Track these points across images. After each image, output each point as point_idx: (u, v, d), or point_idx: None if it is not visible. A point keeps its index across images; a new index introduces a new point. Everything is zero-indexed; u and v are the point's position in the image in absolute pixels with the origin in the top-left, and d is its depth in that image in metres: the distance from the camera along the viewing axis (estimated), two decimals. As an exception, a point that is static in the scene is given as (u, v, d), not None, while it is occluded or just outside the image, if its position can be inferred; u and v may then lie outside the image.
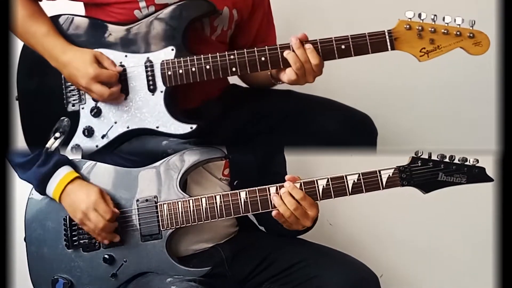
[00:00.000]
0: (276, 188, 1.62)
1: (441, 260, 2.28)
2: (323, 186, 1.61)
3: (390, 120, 2.32)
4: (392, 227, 2.29)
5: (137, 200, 1.69)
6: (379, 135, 1.86)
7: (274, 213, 1.60)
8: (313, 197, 1.60)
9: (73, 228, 1.69)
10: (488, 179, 1.60)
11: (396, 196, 2.11)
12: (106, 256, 1.67)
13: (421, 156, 1.60)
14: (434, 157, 1.61)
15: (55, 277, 1.69)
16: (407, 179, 1.60)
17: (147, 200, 1.68)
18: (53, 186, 1.67)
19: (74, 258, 1.69)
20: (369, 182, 1.60)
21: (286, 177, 1.62)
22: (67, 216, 1.69)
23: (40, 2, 1.76)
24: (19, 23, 1.70)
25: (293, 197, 1.58)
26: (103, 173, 1.71)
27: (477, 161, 1.60)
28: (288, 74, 1.66)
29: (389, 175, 1.60)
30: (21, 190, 1.74)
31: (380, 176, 1.60)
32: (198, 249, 1.75)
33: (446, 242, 2.28)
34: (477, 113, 2.38)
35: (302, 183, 1.61)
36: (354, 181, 1.60)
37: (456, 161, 1.60)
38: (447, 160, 1.60)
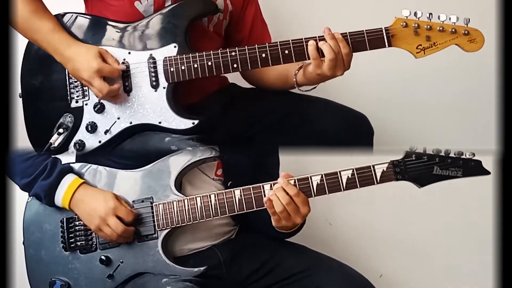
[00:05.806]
0: (271, 185, 1.62)
1: (441, 261, 2.26)
2: (317, 182, 1.60)
3: (388, 120, 2.33)
4: (392, 227, 2.28)
5: (134, 201, 1.69)
6: (376, 135, 1.85)
7: (265, 199, 1.59)
8: (307, 193, 1.60)
9: (70, 230, 1.70)
10: (485, 172, 1.58)
11: (396, 197, 2.12)
12: (102, 257, 1.67)
13: (416, 151, 1.59)
14: (429, 152, 1.59)
15: (53, 279, 1.70)
16: (401, 173, 1.59)
17: (143, 201, 1.69)
18: (61, 195, 1.67)
19: (71, 260, 1.70)
20: (363, 177, 1.59)
21: (280, 174, 1.62)
22: (64, 218, 1.70)
23: None
24: (22, 19, 1.70)
25: (287, 193, 1.58)
26: (102, 176, 1.72)
27: (473, 154, 1.59)
28: (323, 65, 1.66)
29: (383, 169, 1.59)
30: (21, 193, 1.74)
31: (374, 171, 1.59)
32: (194, 248, 1.74)
33: (446, 243, 2.26)
34: (477, 113, 2.38)
35: (296, 180, 1.61)
36: (348, 176, 1.60)
37: (451, 155, 1.59)
38: (442, 154, 1.59)
